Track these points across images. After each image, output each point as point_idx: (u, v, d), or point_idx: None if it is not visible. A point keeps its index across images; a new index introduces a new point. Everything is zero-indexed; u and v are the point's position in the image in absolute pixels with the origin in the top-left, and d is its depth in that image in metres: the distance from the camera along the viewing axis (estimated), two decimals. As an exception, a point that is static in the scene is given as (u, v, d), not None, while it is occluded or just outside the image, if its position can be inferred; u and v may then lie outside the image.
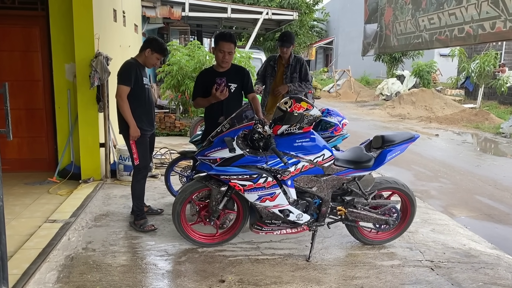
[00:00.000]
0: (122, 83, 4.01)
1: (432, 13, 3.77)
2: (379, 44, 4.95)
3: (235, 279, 3.25)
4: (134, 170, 4.25)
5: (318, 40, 35.36)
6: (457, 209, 5.84)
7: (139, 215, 4.22)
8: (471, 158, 9.29)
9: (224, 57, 3.97)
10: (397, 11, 4.44)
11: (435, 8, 3.72)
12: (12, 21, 5.69)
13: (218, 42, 3.96)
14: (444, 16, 3.60)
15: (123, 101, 4.00)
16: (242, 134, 3.47)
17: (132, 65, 4.10)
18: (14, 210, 4.60)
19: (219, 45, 3.95)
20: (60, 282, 3.13)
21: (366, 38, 5.26)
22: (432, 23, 3.82)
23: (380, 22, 4.86)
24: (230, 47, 3.97)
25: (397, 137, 3.77)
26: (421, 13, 3.96)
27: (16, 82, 5.63)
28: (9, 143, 5.73)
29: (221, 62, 4.02)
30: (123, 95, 3.99)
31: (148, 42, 4.17)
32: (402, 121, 14.88)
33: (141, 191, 4.27)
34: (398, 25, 4.44)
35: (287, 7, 20.16)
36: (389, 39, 4.71)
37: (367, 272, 3.45)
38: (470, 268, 3.61)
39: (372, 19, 5.10)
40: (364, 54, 5.43)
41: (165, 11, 12.03)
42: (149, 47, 4.11)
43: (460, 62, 18.64)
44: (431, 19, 3.83)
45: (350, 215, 3.72)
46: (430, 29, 3.87)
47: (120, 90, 4.00)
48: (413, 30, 4.16)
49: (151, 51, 4.11)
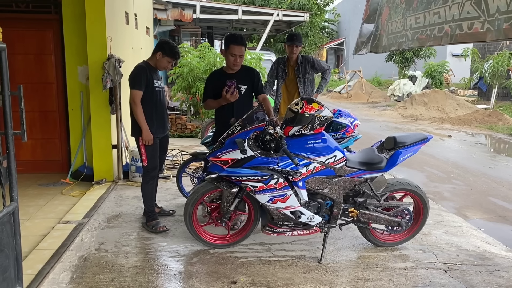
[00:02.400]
0: (134, 87, 4.06)
1: (420, 12, 3.75)
2: (372, 43, 4.94)
3: (247, 280, 3.25)
4: (143, 172, 4.29)
5: (329, 41, 35.26)
6: (471, 211, 5.77)
7: (150, 216, 4.25)
8: (485, 159, 9.17)
9: (235, 60, 3.97)
10: (392, 10, 4.43)
11: (424, 7, 3.70)
12: (27, 25, 5.77)
13: (229, 45, 3.95)
14: (429, 15, 3.58)
15: (136, 105, 4.05)
16: (253, 136, 3.48)
17: (142, 68, 4.12)
18: (28, 211, 4.66)
19: (230, 48, 3.94)
20: (74, 282, 3.16)
21: (361, 37, 5.24)
22: (417, 22, 3.81)
23: (377, 22, 4.86)
24: (241, 50, 3.96)
25: (409, 138, 3.75)
26: (411, 12, 3.95)
27: (30, 85, 5.71)
28: (23, 145, 5.81)
29: (232, 65, 4.02)
30: (136, 99, 4.04)
31: (159, 45, 4.19)
32: (414, 122, 14.75)
33: (150, 192, 4.31)
34: (390, 24, 4.44)
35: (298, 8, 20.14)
36: (382, 38, 4.71)
37: (380, 274, 3.43)
38: (484, 270, 3.56)
39: (371, 19, 5.08)
40: (355, 53, 5.42)
41: (176, 14, 12.10)
42: (160, 50, 4.13)
43: (473, 63, 18.45)
44: (417, 18, 3.81)
45: (362, 217, 3.69)
46: (414, 28, 3.87)
47: (133, 94, 4.05)
48: (401, 29, 4.15)
49: (162, 55, 4.13)
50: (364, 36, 5.16)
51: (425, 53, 22.80)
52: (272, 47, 21.07)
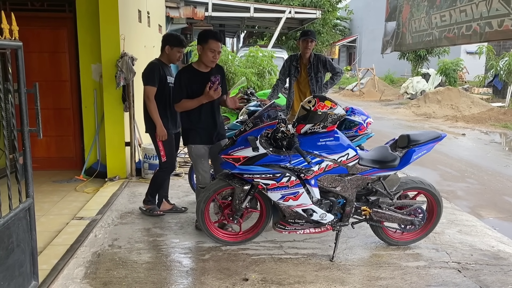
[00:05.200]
0: (147, 83, 4.11)
1: (445, 10, 3.71)
2: (395, 41, 4.91)
3: (259, 277, 3.26)
4: (160, 167, 4.35)
5: (341, 39, 35.01)
6: (485, 210, 5.70)
7: (150, 200, 4.43)
8: (500, 158, 9.04)
9: (214, 56, 3.80)
10: (414, 8, 4.40)
11: (448, 4, 3.65)
12: (41, 23, 5.84)
13: (208, 41, 3.74)
14: (455, 13, 3.54)
15: (150, 101, 4.10)
16: (266, 133, 3.47)
17: (155, 65, 4.19)
18: (43, 207, 4.72)
19: (209, 43, 3.74)
20: (88, 278, 3.20)
21: (386, 36, 5.22)
22: (443, 20, 3.77)
23: (398, 20, 4.83)
24: (219, 46, 3.81)
25: (423, 136, 3.71)
26: (435, 10, 3.91)
27: (44, 83, 5.77)
28: (38, 142, 5.89)
29: (211, 62, 3.83)
30: (150, 95, 4.10)
31: (165, 39, 4.27)
32: (427, 120, 14.60)
33: (161, 183, 4.44)
34: (414, 22, 4.40)
35: (310, 5, 20.05)
36: (404, 36, 4.67)
37: (392, 273, 3.41)
38: (499, 270, 3.52)
39: (392, 16, 5.05)
40: (382, 52, 5.40)
41: (189, 12, 12.11)
42: (167, 44, 4.21)
43: (488, 60, 18.20)
44: (443, 16, 3.77)
45: (375, 215, 3.67)
46: (441, 26, 3.82)
47: (147, 91, 4.10)
48: (426, 27, 4.11)
49: (170, 47, 4.20)
50: (388, 34, 5.14)
51: (439, 51, 22.51)
52: (284, 44, 21.01)
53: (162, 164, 4.31)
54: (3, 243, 2.42)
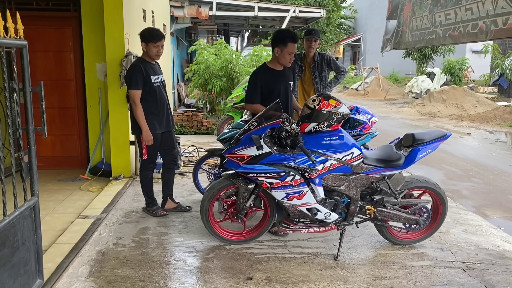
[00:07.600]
0: (131, 87, 4.13)
1: (450, 8, 3.69)
2: (394, 39, 4.89)
3: (263, 276, 3.26)
4: (141, 165, 4.45)
5: (346, 38, 34.97)
6: (490, 209, 5.67)
7: (150, 202, 4.48)
8: (505, 157, 8.99)
9: (291, 58, 3.94)
10: (416, 6, 4.38)
11: (454, 3, 3.64)
12: (46, 22, 5.86)
13: (287, 44, 3.82)
14: (461, 11, 3.52)
15: (136, 105, 4.12)
16: (270, 132, 3.47)
17: (135, 67, 4.17)
18: (48, 205, 4.74)
19: (288, 47, 3.83)
20: (92, 276, 3.21)
21: (386, 34, 5.21)
22: (448, 19, 3.75)
23: (399, 18, 4.82)
24: (295, 47, 3.96)
25: (428, 135, 3.69)
26: (439, 8, 3.89)
27: (49, 82, 5.80)
28: (43, 141, 5.91)
29: (288, 63, 3.98)
30: (136, 99, 4.11)
31: (140, 37, 4.21)
32: (432, 120, 14.55)
33: (149, 182, 4.47)
34: (415, 20, 4.38)
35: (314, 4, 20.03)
36: (404, 35, 4.66)
37: (397, 273, 3.40)
38: (504, 270, 3.50)
39: (393, 15, 5.04)
40: (382, 50, 5.38)
41: (193, 11, 12.15)
42: (142, 41, 4.18)
43: (493, 59, 18.10)
44: (447, 14, 3.75)
45: (380, 215, 3.66)
46: (445, 24, 3.80)
47: (132, 94, 4.12)
48: (429, 25, 4.09)
49: (146, 44, 4.17)
50: (389, 33, 5.13)
51: (444, 50, 22.40)
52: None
53: (142, 161, 4.38)
54: (9, 241, 2.44)
